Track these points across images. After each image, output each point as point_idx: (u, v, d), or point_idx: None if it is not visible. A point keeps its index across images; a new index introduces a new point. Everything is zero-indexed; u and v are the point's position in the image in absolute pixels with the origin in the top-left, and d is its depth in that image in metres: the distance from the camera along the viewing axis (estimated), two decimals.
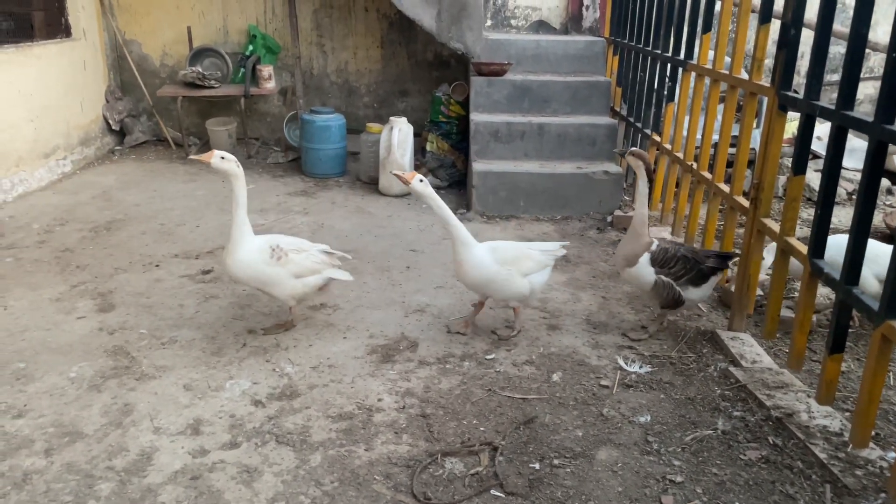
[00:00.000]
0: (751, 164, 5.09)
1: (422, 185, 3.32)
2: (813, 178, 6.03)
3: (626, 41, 5.99)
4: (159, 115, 7.32)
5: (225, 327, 3.59)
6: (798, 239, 3.11)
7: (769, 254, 3.63)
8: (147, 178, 6.34)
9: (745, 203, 3.60)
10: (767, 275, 3.63)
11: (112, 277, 4.15)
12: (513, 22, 8.25)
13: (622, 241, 3.57)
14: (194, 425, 2.79)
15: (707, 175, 4.23)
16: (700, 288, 3.47)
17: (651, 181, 3.47)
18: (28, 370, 3.15)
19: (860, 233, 2.57)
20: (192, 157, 3.46)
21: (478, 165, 5.57)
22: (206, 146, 7.28)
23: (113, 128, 7.20)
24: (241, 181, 3.31)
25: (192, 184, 6.20)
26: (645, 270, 3.41)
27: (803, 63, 4.62)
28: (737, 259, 3.57)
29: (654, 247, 3.43)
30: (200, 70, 6.88)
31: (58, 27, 6.38)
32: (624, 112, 6.11)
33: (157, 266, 4.35)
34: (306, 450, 2.66)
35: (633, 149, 3.53)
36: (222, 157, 3.27)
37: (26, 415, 2.83)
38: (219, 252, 4.60)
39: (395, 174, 3.38)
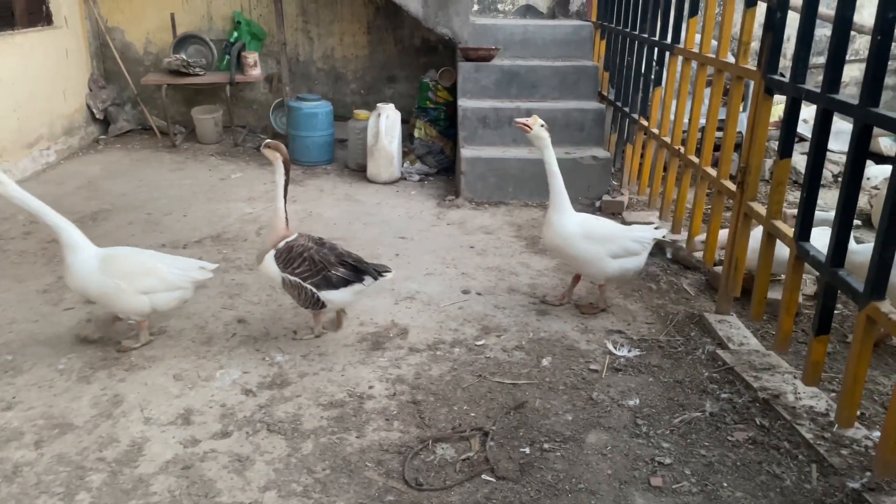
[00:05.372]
0: (738, 147, 5.11)
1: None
2: (799, 161, 6.07)
3: (613, 25, 5.97)
4: (144, 104, 7.24)
5: (214, 317, 3.58)
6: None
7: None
8: (133, 167, 6.28)
9: (732, 187, 3.61)
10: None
11: None
12: (500, 6, 8.22)
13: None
14: (185, 415, 2.79)
15: (694, 159, 4.24)
16: (339, 291, 3.20)
17: (287, 172, 3.23)
18: (16, 362, 3.14)
19: (845, 215, 2.59)
20: None
21: (466, 152, 5.56)
22: (192, 134, 7.22)
23: (97, 117, 7.12)
24: None
25: (179, 173, 6.15)
26: (271, 268, 3.19)
27: (789, 46, 4.65)
28: (388, 274, 3.30)
29: (281, 244, 3.21)
30: (185, 57, 6.81)
31: (39, 15, 6.29)
32: (612, 97, 6.10)
33: None
34: (298, 438, 2.67)
35: (269, 140, 3.28)
36: None
37: (15, 407, 2.82)
38: (207, 241, 4.58)
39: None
